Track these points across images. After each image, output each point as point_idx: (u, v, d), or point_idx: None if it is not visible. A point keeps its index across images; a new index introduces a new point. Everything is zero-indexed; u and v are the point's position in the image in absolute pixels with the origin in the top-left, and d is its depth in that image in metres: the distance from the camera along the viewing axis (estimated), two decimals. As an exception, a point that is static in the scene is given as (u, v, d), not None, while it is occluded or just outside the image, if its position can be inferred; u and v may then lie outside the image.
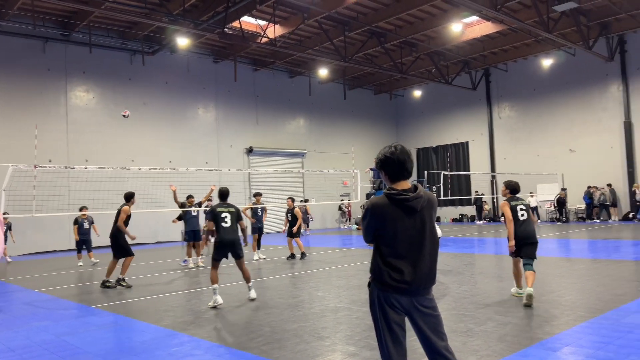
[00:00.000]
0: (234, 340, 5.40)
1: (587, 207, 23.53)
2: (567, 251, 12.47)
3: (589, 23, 20.60)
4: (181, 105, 22.95)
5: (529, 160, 26.02)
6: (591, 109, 24.07)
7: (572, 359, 4.34)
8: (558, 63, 24.88)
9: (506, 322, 5.58)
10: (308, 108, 28.02)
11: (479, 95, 28.23)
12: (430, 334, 2.91)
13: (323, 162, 27.62)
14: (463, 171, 28.28)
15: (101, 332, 6.06)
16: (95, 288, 9.62)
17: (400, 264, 2.89)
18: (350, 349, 4.90)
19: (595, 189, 23.08)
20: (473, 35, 21.47)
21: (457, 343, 4.85)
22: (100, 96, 20.65)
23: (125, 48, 21.22)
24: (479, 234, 18.99)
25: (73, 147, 19.63)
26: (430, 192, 3.04)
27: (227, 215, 7.57)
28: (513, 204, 6.85)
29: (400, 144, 3.03)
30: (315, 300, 7.43)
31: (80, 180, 17.63)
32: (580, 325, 5.36)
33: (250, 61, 25.15)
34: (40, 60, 19.17)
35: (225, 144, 24.38)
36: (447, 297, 7.12)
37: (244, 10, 17.51)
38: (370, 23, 19.66)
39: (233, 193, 23.58)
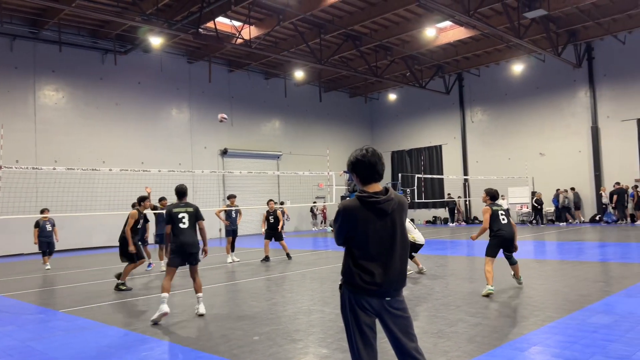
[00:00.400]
0: (205, 344, 5.33)
1: (556, 210, 24.11)
2: (536, 253, 12.74)
3: (558, 30, 21.14)
4: (154, 106, 22.62)
5: (501, 164, 26.52)
6: (560, 114, 24.69)
7: (539, 358, 4.43)
8: (528, 68, 25.46)
9: (476, 323, 5.67)
10: (283, 110, 27.97)
11: (452, 100, 28.65)
12: (400, 335, 2.93)
13: (298, 164, 27.61)
14: (436, 174, 28.63)
15: (68, 337, 5.92)
16: (61, 292, 9.38)
17: (371, 266, 2.91)
18: (322, 352, 4.90)
19: (564, 192, 23.64)
20: (446, 40, 21.80)
21: (427, 344, 4.90)
22: (71, 96, 20.21)
23: (97, 47, 20.82)
24: (451, 236, 19.24)
25: (41, 147, 19.15)
26: (401, 195, 3.06)
27: (185, 216, 6.82)
28: (494, 209, 7.75)
29: (371, 146, 3.05)
30: (288, 302, 7.41)
31: (48, 182, 17.20)
32: (548, 325, 5.48)
33: (225, 62, 24.97)
34: (8, 58, 18.64)
35: (199, 146, 24.14)
36: (419, 299, 7.19)
37: (219, 10, 17.39)
38: (346, 26, 19.77)
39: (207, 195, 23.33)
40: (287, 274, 10.57)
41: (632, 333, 5.03)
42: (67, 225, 18.79)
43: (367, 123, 32.87)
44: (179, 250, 6.71)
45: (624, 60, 22.65)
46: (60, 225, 18.83)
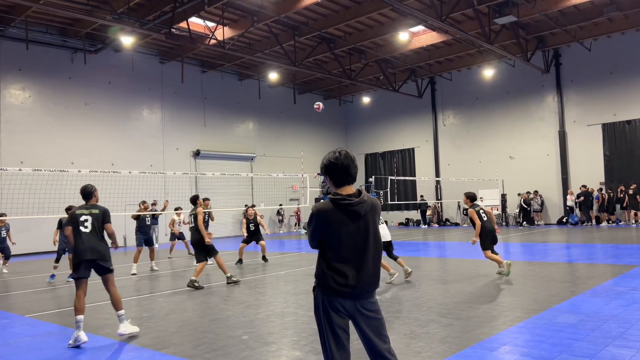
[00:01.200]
0: (177, 348, 5.27)
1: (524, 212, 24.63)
2: (505, 255, 12.98)
3: (527, 36, 21.66)
4: (125, 106, 22.23)
5: (472, 167, 26.98)
6: (529, 118, 25.27)
7: (509, 357, 4.52)
8: (499, 73, 25.99)
9: (448, 324, 5.75)
10: (257, 111, 27.85)
11: (425, 103, 29.01)
12: (373, 337, 2.95)
13: (272, 166, 27.52)
14: (409, 176, 28.93)
15: (35, 342, 5.76)
16: (28, 297, 9.12)
17: (345, 268, 2.92)
18: (296, 354, 4.89)
19: (528, 195, 24.13)
20: (419, 44, 22.08)
21: (400, 345, 4.95)
22: (38, 95, 19.69)
23: (66, 45, 20.34)
24: (423, 238, 19.46)
25: (7, 147, 18.59)
26: (374, 197, 3.09)
27: (88, 219, 6.01)
28: (477, 210, 9.26)
29: (344, 149, 3.06)
30: (261, 305, 7.37)
31: (14, 183, 16.70)
32: (517, 325, 5.59)
33: (198, 63, 24.73)
34: (-28, 55, 18.06)
35: (171, 147, 23.82)
36: (391, 300, 7.25)
37: (192, 11, 17.20)
38: (320, 29, 19.82)
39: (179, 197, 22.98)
40: (260, 276, 10.51)
41: (597, 332, 5.18)
42: (34, 227, 18.29)
43: (341, 125, 33.00)
44: (79, 258, 5.84)
45: (590, 66, 23.34)
46: (26, 228, 18.36)
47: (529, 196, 24.06)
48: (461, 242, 16.75)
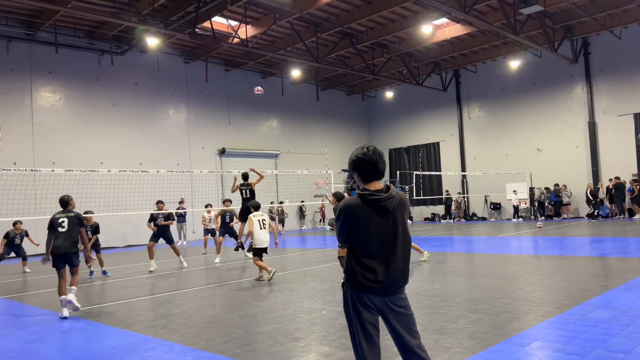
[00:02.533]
0: (207, 343, 5.35)
1: (555, 205, 24.17)
2: (535, 248, 12.78)
3: (554, 26, 21.18)
4: (151, 106, 22.60)
5: (498, 160, 26.56)
6: (557, 109, 24.73)
7: (540, 353, 4.45)
8: (525, 64, 25.49)
9: (477, 320, 5.69)
10: (281, 109, 27.96)
11: (449, 96, 28.67)
12: (403, 332, 2.95)
13: (296, 163, 27.60)
14: (434, 171, 28.66)
15: (70, 338, 5.93)
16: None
17: (373, 263, 2.92)
18: (324, 350, 4.91)
19: (564, 187, 23.66)
20: (443, 37, 21.82)
21: (429, 341, 4.92)
22: (67, 97, 20.17)
23: (93, 48, 20.77)
24: (449, 233, 19.28)
25: (39, 149, 19.11)
26: (402, 193, 3.08)
27: (65, 220, 7.41)
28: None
29: (372, 145, 3.07)
30: (289, 301, 7.42)
31: (47, 184, 17.16)
32: (548, 320, 5.50)
33: (221, 62, 24.95)
34: (4, 60, 18.60)
35: (197, 146, 24.13)
36: (420, 296, 7.21)
37: (215, 10, 17.36)
38: (342, 24, 19.76)
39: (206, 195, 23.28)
40: (286, 272, 10.58)
41: (632, 327, 5.06)
42: (66, 226, 18.77)
43: (365, 121, 32.88)
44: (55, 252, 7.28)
45: (620, 55, 22.70)
46: (58, 227, 18.84)
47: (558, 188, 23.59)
48: (488, 237, 16.54)
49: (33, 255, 17.88)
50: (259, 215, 9.38)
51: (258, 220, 9.26)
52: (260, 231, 9.19)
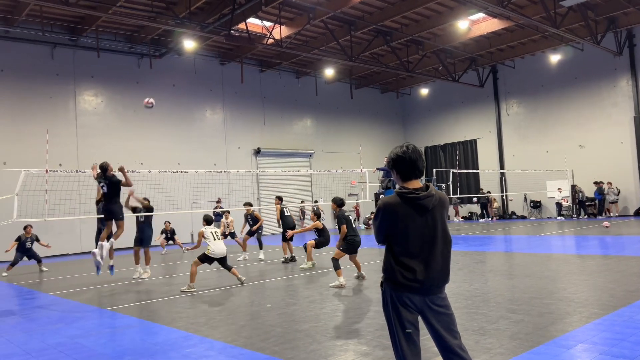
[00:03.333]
0: (247, 341, 5.42)
1: (599, 203, 23.37)
2: (578, 248, 12.39)
3: (596, 18, 20.45)
4: (189, 108, 23.05)
5: (538, 157, 25.87)
6: (600, 104, 23.89)
7: (586, 356, 4.32)
8: (566, 58, 24.72)
9: (518, 320, 5.57)
10: (315, 108, 28.04)
11: (487, 93, 28.11)
12: (443, 332, 2.92)
13: (331, 162, 27.62)
14: (472, 169, 28.16)
15: (115, 334, 6.12)
16: (106, 291, 9.68)
17: (413, 263, 2.90)
18: (362, 349, 4.91)
19: (609, 184, 22.85)
20: (479, 32, 21.40)
21: (469, 341, 4.85)
22: (109, 100, 20.80)
23: (133, 52, 21.35)
24: (487, 232, 18.91)
25: (83, 151, 19.78)
26: (441, 192, 3.04)
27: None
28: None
29: (411, 143, 3.05)
30: (326, 300, 7.44)
31: (90, 184, 17.74)
32: (594, 322, 5.33)
33: (256, 62, 25.21)
34: (49, 66, 19.34)
35: (233, 146, 24.46)
36: (459, 296, 7.11)
37: (250, 12, 17.56)
38: (376, 22, 19.65)
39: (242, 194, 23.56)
40: (323, 271, 10.61)
41: (684, 330, 4.85)
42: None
43: (400, 119, 32.60)
44: None
45: (668, 46, 21.73)
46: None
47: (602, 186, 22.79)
48: (528, 236, 16.13)
49: (77, 254, 18.54)
50: (211, 229, 9.34)
51: (210, 232, 9.24)
52: (215, 242, 9.12)
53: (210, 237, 9.20)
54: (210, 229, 9.37)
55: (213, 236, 9.22)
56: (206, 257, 9.14)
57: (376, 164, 26.43)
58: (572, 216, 23.84)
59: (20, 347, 5.71)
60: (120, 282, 10.68)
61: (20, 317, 7.53)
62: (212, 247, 9.10)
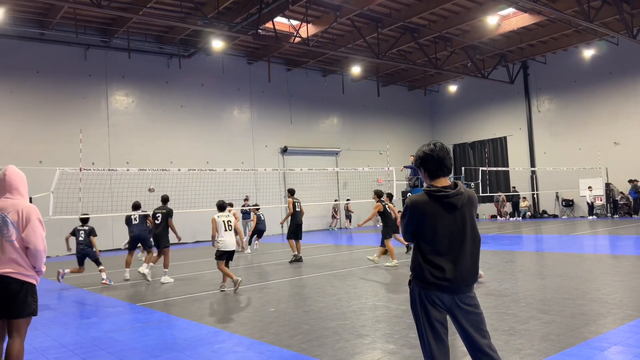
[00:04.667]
0: (275, 337, 5.47)
1: (635, 202, 22.68)
2: (612, 248, 12.07)
3: (632, 11, 19.79)
4: (217, 107, 23.33)
5: (571, 155, 25.26)
6: (636, 100, 23.16)
7: (620, 358, 4.22)
8: (600, 53, 24.04)
9: (550, 321, 5.46)
10: (341, 106, 28.00)
11: (517, 89, 27.57)
12: (472, 331, 2.89)
13: (357, 160, 27.55)
14: (501, 167, 27.68)
15: (146, 329, 6.26)
16: (138, 287, 9.89)
17: (441, 261, 2.88)
18: (390, 347, 4.89)
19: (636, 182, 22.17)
20: (510, 27, 20.98)
21: (499, 342, 4.78)
22: (139, 100, 21.22)
23: (162, 52, 21.72)
24: (517, 231, 18.57)
25: (114, 150, 20.24)
26: (470, 190, 3.01)
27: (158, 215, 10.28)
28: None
29: (439, 141, 3.03)
30: (352, 298, 7.44)
31: (122, 182, 18.16)
32: (628, 324, 5.19)
33: (283, 61, 25.33)
34: (82, 67, 19.84)
35: (260, 144, 24.65)
36: (488, 295, 7.01)
37: (277, 11, 17.65)
38: (404, 19, 19.49)
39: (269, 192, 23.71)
40: (349, 269, 10.60)
41: None
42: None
43: (427, 116, 32.28)
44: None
45: None
46: (133, 223, 19.88)
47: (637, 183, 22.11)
48: (560, 235, 15.77)
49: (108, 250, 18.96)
50: (224, 216, 8.65)
51: (222, 221, 8.56)
52: (225, 233, 8.48)
53: (222, 226, 8.55)
54: (223, 216, 8.67)
55: (225, 226, 8.56)
56: (221, 253, 8.52)
57: (403, 162, 26.18)
58: (606, 215, 23.20)
59: (56, 340, 5.90)
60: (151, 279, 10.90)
61: (56, 311, 7.77)
62: (222, 238, 8.51)
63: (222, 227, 8.52)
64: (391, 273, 9.67)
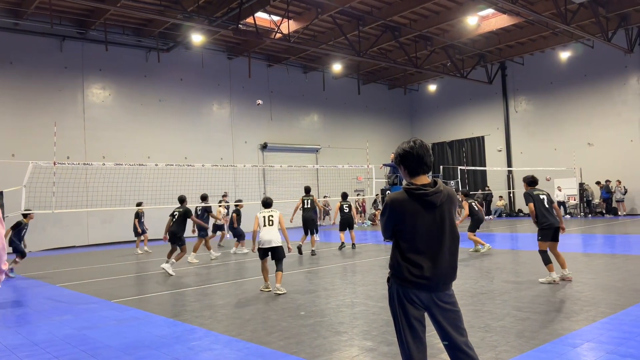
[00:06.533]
0: (252, 335, 5.44)
1: (607, 202, 23.21)
2: (585, 246, 12.32)
3: (607, 14, 20.23)
4: (196, 102, 23.08)
5: (546, 155, 25.72)
6: (610, 102, 23.68)
7: (593, 355, 4.29)
8: (576, 55, 24.51)
9: (524, 318, 5.54)
10: (322, 103, 27.99)
11: (495, 89, 27.94)
12: (450, 329, 2.90)
13: (337, 157, 27.60)
14: (479, 166, 28.03)
15: (121, 326, 6.15)
16: (112, 283, 9.74)
17: (420, 259, 2.88)
18: (367, 344, 4.90)
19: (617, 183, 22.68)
20: (489, 28, 21.24)
21: (475, 338, 4.83)
22: (117, 93, 20.86)
23: (141, 45, 21.38)
24: (492, 230, 18.83)
25: (90, 144, 19.87)
26: (450, 188, 3.02)
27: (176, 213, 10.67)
28: (535, 194, 7.92)
29: (419, 138, 3.02)
30: (331, 295, 7.44)
31: (97, 177, 17.86)
32: (601, 321, 5.30)
33: (264, 57, 25.18)
34: (58, 59, 19.41)
35: (240, 140, 24.49)
36: (464, 293, 7.09)
37: (258, 6, 17.53)
38: (385, 17, 19.56)
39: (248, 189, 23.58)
40: (328, 266, 10.61)
41: (692, 330, 4.80)
42: (116, 219, 19.49)
43: (407, 115, 32.49)
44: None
45: (680, 44, 21.48)
46: (108, 219, 19.59)
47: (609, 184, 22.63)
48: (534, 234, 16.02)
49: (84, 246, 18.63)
50: (266, 212, 8.07)
51: (263, 216, 7.99)
52: (264, 228, 7.88)
53: (261, 221, 7.94)
54: (264, 212, 8.02)
55: (265, 221, 7.93)
56: (260, 251, 7.97)
57: (383, 160, 26.36)
58: (579, 215, 23.69)
59: (27, 338, 5.76)
60: (127, 275, 10.74)
61: (27, 308, 7.59)
62: (261, 234, 7.89)
63: (262, 223, 7.93)
64: (369, 271, 9.70)
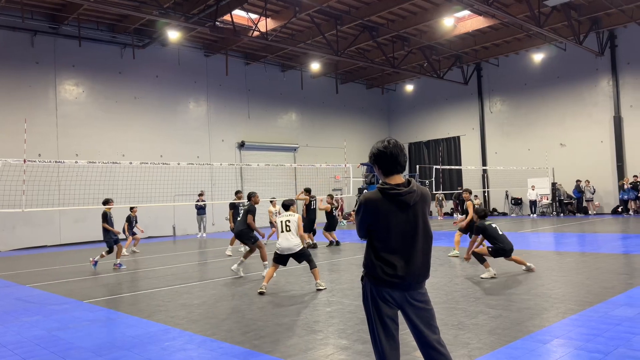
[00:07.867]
0: (227, 334, 5.40)
1: (578, 201, 23.76)
2: (556, 245, 12.59)
3: (579, 18, 20.71)
4: (172, 99, 22.80)
5: (520, 155, 26.19)
6: (582, 103, 24.24)
7: (562, 350, 4.39)
8: (549, 57, 25.01)
9: (497, 315, 5.64)
10: (300, 102, 27.96)
11: (471, 90, 28.32)
12: (422, 327, 2.93)
13: (315, 156, 27.61)
14: (454, 165, 28.39)
15: (93, 327, 6.04)
16: (84, 283, 9.56)
17: (393, 258, 2.90)
18: (342, 343, 4.92)
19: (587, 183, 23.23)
20: (465, 29, 21.52)
21: (448, 336, 4.89)
22: (91, 90, 20.46)
23: (116, 41, 21.01)
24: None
25: (63, 141, 19.45)
26: (424, 187, 3.04)
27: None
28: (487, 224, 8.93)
29: (393, 138, 3.03)
30: (307, 294, 7.45)
31: (70, 175, 17.48)
32: (570, 317, 5.42)
33: (241, 55, 25.02)
34: (29, 54, 18.93)
35: (217, 138, 24.28)
36: (438, 291, 7.17)
37: (236, 3, 17.40)
38: (363, 17, 19.63)
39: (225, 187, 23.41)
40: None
41: (657, 326, 4.95)
42: (89, 218, 19.12)
43: (384, 114, 32.69)
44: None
45: (648, 47, 22.10)
46: (81, 218, 19.21)
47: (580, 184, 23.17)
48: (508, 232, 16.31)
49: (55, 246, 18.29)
50: (284, 216, 7.94)
51: (281, 221, 7.86)
52: (282, 234, 7.77)
53: (280, 227, 7.79)
54: (283, 216, 7.89)
55: (282, 226, 7.77)
56: (275, 256, 7.81)
57: (360, 160, 26.50)
58: (551, 214, 24.19)
59: (-5, 339, 5.61)
60: (100, 275, 10.56)
61: (-5, 309, 7.40)
62: (279, 239, 7.80)
63: (280, 229, 7.79)
64: (346, 269, 9.74)
